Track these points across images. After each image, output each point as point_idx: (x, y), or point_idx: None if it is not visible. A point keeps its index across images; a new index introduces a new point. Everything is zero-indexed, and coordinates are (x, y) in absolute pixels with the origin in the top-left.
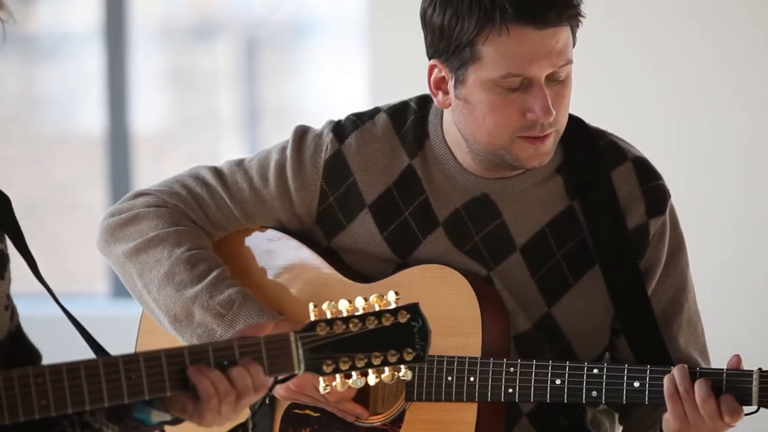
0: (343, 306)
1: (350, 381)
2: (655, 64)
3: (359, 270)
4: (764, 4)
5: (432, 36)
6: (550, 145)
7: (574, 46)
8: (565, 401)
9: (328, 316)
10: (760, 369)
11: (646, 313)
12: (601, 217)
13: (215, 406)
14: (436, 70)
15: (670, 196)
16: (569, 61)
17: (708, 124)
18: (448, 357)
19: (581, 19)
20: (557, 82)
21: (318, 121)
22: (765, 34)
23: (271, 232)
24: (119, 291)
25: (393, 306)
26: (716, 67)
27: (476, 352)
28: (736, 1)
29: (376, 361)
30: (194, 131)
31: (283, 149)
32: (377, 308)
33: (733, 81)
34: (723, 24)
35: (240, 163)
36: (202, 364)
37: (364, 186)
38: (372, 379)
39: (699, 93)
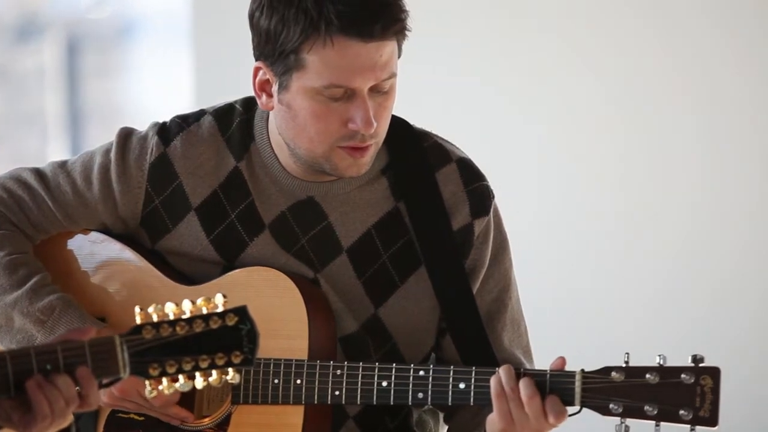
0: (170, 309)
1: (177, 384)
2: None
3: (185, 272)
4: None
5: (258, 38)
6: (369, 156)
7: (399, 57)
8: (392, 403)
9: (155, 319)
10: (582, 370)
11: (472, 313)
12: (427, 218)
13: (47, 414)
14: (261, 72)
15: (493, 196)
16: (393, 75)
17: (532, 124)
18: (274, 359)
19: (407, 33)
20: (381, 93)
21: (143, 121)
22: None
23: (94, 235)
24: None
25: (221, 309)
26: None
27: (303, 354)
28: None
29: (204, 364)
30: (17, 132)
31: (107, 152)
32: (205, 311)
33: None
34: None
35: (63, 165)
36: (39, 377)
37: (190, 189)
38: (200, 383)
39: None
